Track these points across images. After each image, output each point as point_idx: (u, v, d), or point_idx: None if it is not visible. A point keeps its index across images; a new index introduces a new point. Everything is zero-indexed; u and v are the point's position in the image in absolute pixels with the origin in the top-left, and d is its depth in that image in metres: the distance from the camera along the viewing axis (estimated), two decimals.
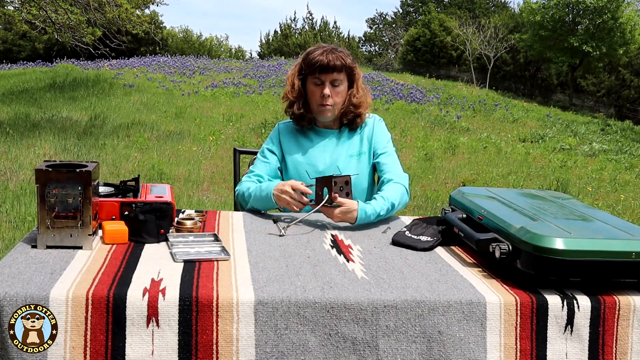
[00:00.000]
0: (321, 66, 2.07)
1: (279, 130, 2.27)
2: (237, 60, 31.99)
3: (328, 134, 2.23)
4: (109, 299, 1.22)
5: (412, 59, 37.28)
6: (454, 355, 1.30)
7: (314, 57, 2.09)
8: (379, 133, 2.25)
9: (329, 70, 2.08)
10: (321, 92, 2.10)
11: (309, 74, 2.12)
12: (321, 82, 2.11)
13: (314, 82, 2.12)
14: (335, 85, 2.11)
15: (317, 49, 2.14)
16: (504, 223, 1.51)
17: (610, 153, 12.45)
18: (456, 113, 15.46)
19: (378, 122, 2.28)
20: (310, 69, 2.10)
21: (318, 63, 2.07)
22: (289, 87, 2.19)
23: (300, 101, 2.17)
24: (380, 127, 2.27)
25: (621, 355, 1.38)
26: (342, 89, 2.13)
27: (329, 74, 2.09)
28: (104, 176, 6.39)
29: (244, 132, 10.57)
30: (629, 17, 26.78)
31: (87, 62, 23.86)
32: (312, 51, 2.13)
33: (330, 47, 2.14)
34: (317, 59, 2.08)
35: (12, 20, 11.72)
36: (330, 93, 2.10)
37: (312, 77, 2.12)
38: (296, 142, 2.23)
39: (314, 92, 2.13)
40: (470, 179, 8.07)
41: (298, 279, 1.37)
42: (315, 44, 2.23)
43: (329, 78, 2.10)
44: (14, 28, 13.31)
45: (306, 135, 2.24)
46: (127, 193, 1.78)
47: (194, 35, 42.97)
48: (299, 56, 2.21)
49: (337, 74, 2.10)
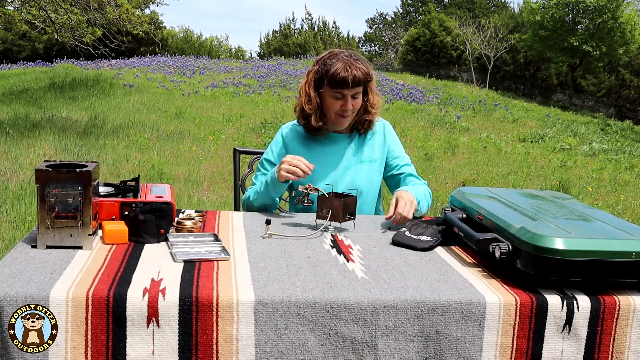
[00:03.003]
0: (346, 82, 1.99)
1: (283, 136, 2.20)
2: (237, 60, 32.01)
3: (339, 139, 2.18)
4: (109, 299, 1.22)
5: (412, 59, 37.29)
6: (449, 353, 1.30)
7: (336, 72, 1.99)
8: (393, 141, 2.25)
9: (354, 85, 2.01)
10: (341, 105, 2.05)
11: (331, 88, 2.03)
12: (342, 95, 2.04)
13: (334, 96, 2.05)
14: (356, 97, 2.07)
15: (336, 60, 2.03)
16: (504, 223, 1.51)
17: (610, 153, 12.45)
18: (456, 113, 15.46)
19: (388, 127, 2.27)
20: (332, 84, 2.02)
21: (342, 79, 1.99)
22: (304, 98, 2.10)
23: (317, 113, 2.10)
24: (392, 134, 2.26)
25: (618, 354, 1.38)
26: (360, 98, 2.10)
27: (352, 88, 2.03)
28: (104, 176, 6.39)
29: (244, 132, 10.57)
30: (629, 17, 26.79)
31: (87, 62, 23.88)
32: (331, 63, 2.02)
33: (348, 58, 2.03)
34: (342, 76, 1.99)
35: (12, 20, 11.72)
36: (351, 106, 2.06)
37: (332, 90, 2.04)
38: (305, 147, 2.17)
39: (333, 104, 2.07)
40: (470, 179, 8.07)
41: (298, 279, 1.37)
42: (328, 51, 2.12)
43: (351, 92, 2.04)
44: (14, 28, 13.29)
45: (316, 139, 2.18)
46: (127, 193, 1.78)
47: (194, 35, 43.01)
48: (314, 65, 2.10)
49: (360, 87, 2.05)
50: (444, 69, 34.98)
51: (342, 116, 2.08)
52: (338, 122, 2.11)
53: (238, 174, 2.59)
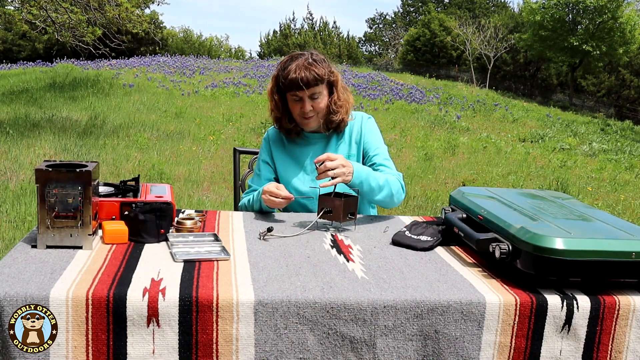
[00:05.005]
0: (296, 84, 1.99)
1: (268, 137, 2.23)
2: (237, 60, 32.02)
3: (316, 139, 2.18)
4: (109, 299, 1.22)
5: (412, 59, 37.29)
6: (447, 352, 1.31)
7: (287, 74, 2.00)
8: (368, 133, 2.18)
9: (304, 87, 2.00)
10: (301, 107, 2.05)
11: (286, 91, 2.05)
12: (299, 98, 2.04)
13: (293, 99, 2.06)
14: (315, 98, 2.04)
15: (290, 62, 2.03)
16: (504, 223, 1.51)
17: (610, 153, 12.45)
18: (456, 113, 15.46)
19: (366, 121, 2.21)
20: (286, 87, 2.03)
21: (292, 81, 1.99)
22: (271, 103, 2.13)
23: (286, 116, 2.12)
24: (369, 127, 2.20)
25: (616, 353, 1.38)
26: (322, 98, 2.07)
27: (305, 90, 2.01)
28: (104, 176, 6.39)
29: (244, 132, 10.58)
30: (629, 17, 26.79)
31: (87, 62, 23.88)
32: (286, 66, 2.03)
33: (303, 59, 2.02)
34: (291, 77, 1.99)
35: (12, 20, 11.72)
36: (310, 107, 2.05)
37: (289, 93, 2.05)
38: (284, 150, 2.19)
39: (293, 107, 2.08)
40: (470, 179, 8.07)
41: (298, 279, 1.37)
42: (289, 54, 2.10)
43: (306, 94, 2.02)
44: (14, 28, 13.30)
45: (294, 142, 2.19)
46: (127, 193, 1.78)
47: (194, 35, 43.01)
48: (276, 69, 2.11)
49: (314, 88, 2.02)
50: (444, 69, 34.98)
51: (305, 118, 2.07)
52: (303, 124, 2.11)
53: (238, 174, 2.59)
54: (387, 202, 2.03)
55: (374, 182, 1.95)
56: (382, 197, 1.99)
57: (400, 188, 2.05)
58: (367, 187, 1.94)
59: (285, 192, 1.91)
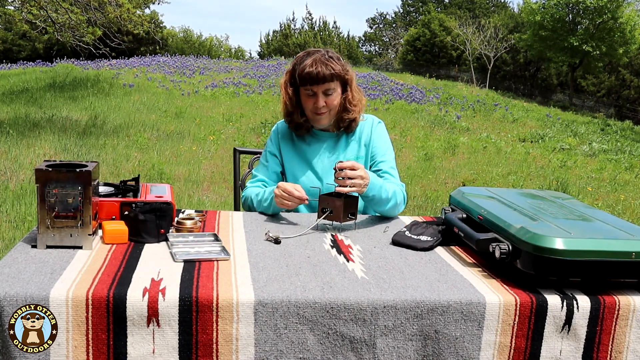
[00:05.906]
0: (312, 78, 2.01)
1: (277, 130, 2.23)
2: (237, 60, 32.02)
3: (326, 137, 2.18)
4: (109, 299, 1.22)
5: (412, 59, 37.29)
6: (447, 352, 1.31)
7: (303, 68, 2.02)
8: (378, 139, 2.19)
9: (319, 81, 2.01)
10: (314, 103, 2.06)
11: (301, 85, 2.06)
12: (313, 93, 2.05)
13: (306, 94, 2.06)
14: (329, 94, 2.05)
15: (307, 57, 2.05)
16: (504, 223, 1.51)
17: (610, 153, 12.45)
18: (456, 113, 15.46)
19: (377, 125, 2.21)
20: (301, 81, 2.04)
21: (308, 75, 2.01)
22: (284, 96, 2.13)
23: (298, 111, 2.12)
24: (379, 132, 2.20)
25: (616, 353, 1.38)
26: (336, 96, 2.08)
27: (320, 85, 2.03)
28: (104, 176, 6.39)
29: (244, 132, 10.58)
30: (629, 17, 26.79)
31: (87, 62, 23.88)
32: (302, 60, 2.05)
33: (319, 55, 2.05)
34: (307, 71, 2.00)
35: (13, 20, 11.72)
36: (324, 103, 2.05)
37: (303, 88, 2.06)
38: (293, 146, 2.19)
39: (306, 102, 2.08)
40: (470, 179, 8.07)
41: (298, 279, 1.37)
42: (305, 50, 2.13)
43: (321, 89, 2.04)
44: (14, 28, 13.31)
45: (303, 139, 2.19)
46: (127, 193, 1.78)
47: (194, 35, 43.00)
48: (292, 63, 2.12)
49: (328, 83, 2.04)
50: (444, 69, 34.98)
51: (317, 114, 2.08)
52: (315, 120, 2.11)
53: (238, 174, 2.59)
54: (389, 213, 2.04)
55: (384, 194, 1.95)
56: (388, 208, 2.01)
57: (402, 199, 2.07)
58: (377, 199, 1.95)
59: (300, 193, 1.88)
